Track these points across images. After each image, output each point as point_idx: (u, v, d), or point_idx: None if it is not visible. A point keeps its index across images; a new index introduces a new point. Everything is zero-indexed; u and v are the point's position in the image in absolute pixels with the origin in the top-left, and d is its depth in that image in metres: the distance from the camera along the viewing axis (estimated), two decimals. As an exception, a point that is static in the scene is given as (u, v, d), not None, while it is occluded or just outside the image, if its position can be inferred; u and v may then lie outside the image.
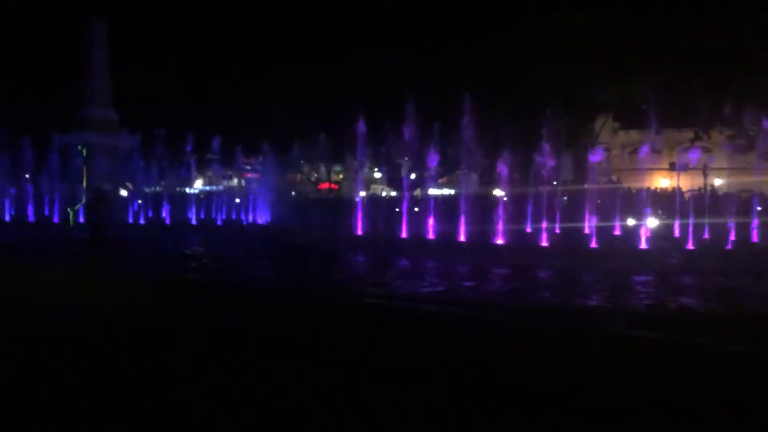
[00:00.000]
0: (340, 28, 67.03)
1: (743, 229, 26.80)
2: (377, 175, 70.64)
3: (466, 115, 32.28)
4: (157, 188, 48.34)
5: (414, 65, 52.93)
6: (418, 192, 41.92)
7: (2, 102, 50.02)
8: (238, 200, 47.22)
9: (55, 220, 40.17)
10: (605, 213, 29.73)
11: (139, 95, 55.30)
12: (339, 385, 6.03)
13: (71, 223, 35.21)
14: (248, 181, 61.31)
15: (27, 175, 44.16)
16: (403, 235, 28.67)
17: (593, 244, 25.57)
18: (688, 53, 47.98)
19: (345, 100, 49.38)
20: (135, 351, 7.32)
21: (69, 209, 37.13)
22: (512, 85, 49.04)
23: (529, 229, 28.76)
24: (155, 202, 43.26)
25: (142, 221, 40.93)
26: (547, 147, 32.48)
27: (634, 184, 44.16)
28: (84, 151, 47.20)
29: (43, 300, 9.59)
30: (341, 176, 76.59)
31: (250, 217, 43.93)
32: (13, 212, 42.19)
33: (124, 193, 47.85)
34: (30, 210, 41.15)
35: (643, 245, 25.30)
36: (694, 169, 47.60)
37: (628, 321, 10.45)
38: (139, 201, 43.17)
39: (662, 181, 56.54)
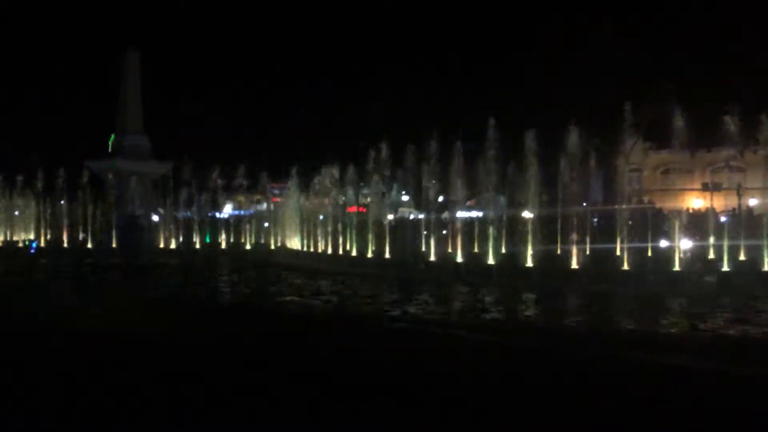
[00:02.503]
0: (366, 53, 67.77)
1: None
2: (404, 197, 70.46)
3: (493, 137, 32.21)
4: (188, 213, 48.84)
5: (441, 87, 53.15)
6: (446, 214, 41.71)
7: (38, 129, 51.31)
8: (266, 224, 47.44)
9: (89, 245, 40.86)
10: (637, 234, 29.16)
11: (171, 122, 56.34)
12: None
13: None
14: (276, 205, 61.66)
15: (62, 201, 45.05)
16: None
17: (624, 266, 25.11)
18: (720, 73, 47.46)
19: (373, 124, 49.68)
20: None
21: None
22: (541, 105, 48.94)
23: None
24: (186, 227, 43.73)
25: (173, 246, 41.41)
26: (576, 168, 32.14)
27: (666, 204, 43.48)
28: (117, 177, 48.05)
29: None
30: (369, 199, 76.48)
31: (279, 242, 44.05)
32: (48, 237, 43.09)
33: (156, 218, 48.46)
34: (64, 235, 42.03)
35: (677, 267, 24.74)
36: (727, 189, 46.67)
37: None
38: (171, 226, 43.66)
39: (695, 201, 55.54)
